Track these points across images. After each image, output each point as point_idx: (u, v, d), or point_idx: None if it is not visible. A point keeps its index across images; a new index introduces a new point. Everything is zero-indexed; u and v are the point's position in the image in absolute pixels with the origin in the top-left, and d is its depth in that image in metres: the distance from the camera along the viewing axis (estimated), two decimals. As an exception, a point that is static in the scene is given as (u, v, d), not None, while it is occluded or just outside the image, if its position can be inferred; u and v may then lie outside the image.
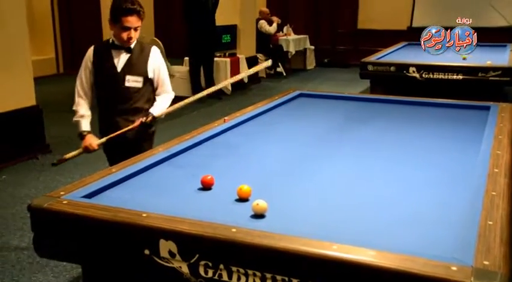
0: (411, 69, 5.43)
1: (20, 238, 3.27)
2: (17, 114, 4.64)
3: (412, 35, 8.60)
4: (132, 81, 2.88)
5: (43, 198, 1.88)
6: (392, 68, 5.61)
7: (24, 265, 2.99)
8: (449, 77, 5.24)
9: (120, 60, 2.86)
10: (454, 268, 1.38)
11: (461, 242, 1.57)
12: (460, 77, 5.25)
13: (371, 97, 4.18)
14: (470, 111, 3.56)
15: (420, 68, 5.37)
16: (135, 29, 2.81)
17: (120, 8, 2.74)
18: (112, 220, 1.74)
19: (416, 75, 5.39)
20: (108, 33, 12.41)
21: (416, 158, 2.56)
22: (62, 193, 1.93)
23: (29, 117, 4.81)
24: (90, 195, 1.96)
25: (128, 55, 2.86)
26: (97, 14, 10.65)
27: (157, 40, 7.57)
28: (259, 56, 9.53)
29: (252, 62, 9.03)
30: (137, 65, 2.88)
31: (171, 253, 1.66)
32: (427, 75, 5.34)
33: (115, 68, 2.86)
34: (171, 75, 7.54)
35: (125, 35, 2.78)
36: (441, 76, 5.25)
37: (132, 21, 2.77)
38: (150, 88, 3.00)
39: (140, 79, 2.89)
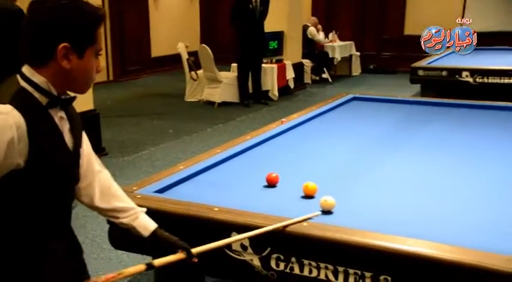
0: (464, 73, 5.34)
1: (84, 234, 3.40)
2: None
3: (462, 40, 8.41)
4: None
5: (118, 193, 1.96)
6: (444, 73, 5.53)
7: (89, 260, 3.08)
8: (505, 81, 5.12)
9: (64, 129, 1.38)
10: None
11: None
12: (517, 81, 5.12)
13: (426, 100, 4.14)
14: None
15: (474, 72, 5.27)
16: None
17: (94, 17, 1.32)
18: (185, 214, 1.80)
19: (470, 79, 5.30)
20: (159, 49, 12.79)
21: (480, 159, 2.54)
22: (134, 188, 2.02)
23: (88, 121, 4.99)
24: (161, 191, 2.03)
25: (64, 114, 1.38)
26: (146, 27, 10.96)
27: (206, 47, 7.71)
28: (305, 62, 9.56)
29: (298, 68, 9.07)
30: (78, 129, 1.45)
31: (243, 246, 1.71)
32: (481, 80, 5.24)
33: (66, 145, 1.38)
34: (219, 81, 7.73)
35: (97, 66, 1.37)
36: (496, 80, 5.14)
37: None
38: None
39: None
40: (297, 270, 1.63)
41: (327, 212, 1.86)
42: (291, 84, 8.78)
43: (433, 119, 3.44)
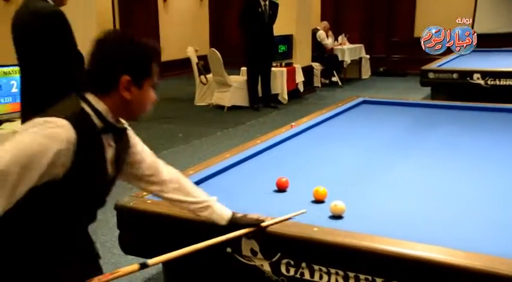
0: (475, 75, 5.30)
1: (95, 239, 3.41)
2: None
3: (473, 42, 8.36)
4: None
5: (128, 198, 1.97)
6: (455, 75, 5.50)
7: (99, 265, 3.11)
8: (518, 83, 5.08)
9: (109, 155, 1.46)
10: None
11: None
12: (530, 83, 5.08)
13: (436, 103, 4.12)
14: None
15: (485, 74, 5.23)
16: None
17: (152, 52, 1.44)
18: (195, 219, 1.80)
19: (481, 82, 5.26)
20: (169, 54, 12.90)
21: (490, 163, 2.51)
22: (144, 193, 2.02)
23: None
24: (171, 196, 2.03)
25: (113, 142, 1.47)
26: (155, 31, 11.02)
27: (216, 51, 7.73)
28: (315, 65, 9.55)
29: (307, 71, 9.06)
30: (122, 158, 1.54)
31: (253, 251, 1.70)
32: (492, 82, 5.19)
33: (105, 171, 1.47)
34: (228, 85, 7.75)
35: (153, 97, 1.49)
36: (509, 82, 5.09)
37: None
38: None
39: None
40: (307, 276, 1.62)
41: (337, 216, 1.85)
42: (301, 88, 8.77)
43: (443, 122, 3.42)
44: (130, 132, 1.57)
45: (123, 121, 1.49)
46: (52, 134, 1.26)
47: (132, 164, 1.59)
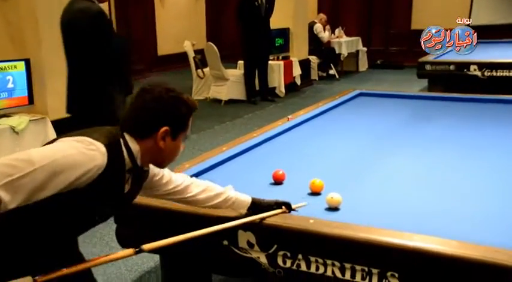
0: (472, 67, 5.30)
1: (92, 233, 3.41)
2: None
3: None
4: None
5: (125, 192, 1.96)
6: (452, 67, 5.49)
7: (97, 259, 3.11)
8: (514, 74, 5.08)
9: (125, 189, 1.55)
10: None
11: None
12: (526, 74, 5.08)
13: (434, 95, 4.12)
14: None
15: (482, 65, 5.23)
16: None
17: (192, 108, 1.54)
18: (192, 212, 1.80)
19: (478, 73, 5.26)
20: (166, 48, 12.77)
21: (487, 153, 2.52)
22: (140, 187, 2.02)
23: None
24: (167, 189, 2.03)
25: (131, 179, 1.56)
26: (152, 25, 10.98)
27: (213, 45, 7.71)
28: (312, 58, 9.53)
29: (304, 64, 9.04)
30: (133, 194, 1.63)
31: (249, 243, 1.71)
32: (489, 73, 5.19)
33: (115, 203, 1.56)
34: (225, 79, 7.74)
35: (182, 148, 1.58)
36: (505, 74, 5.09)
37: None
38: None
39: None
40: (303, 267, 1.63)
41: (333, 208, 1.85)
42: (298, 81, 8.76)
43: (440, 114, 3.42)
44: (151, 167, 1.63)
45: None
46: (91, 156, 1.34)
47: (153, 187, 1.69)
